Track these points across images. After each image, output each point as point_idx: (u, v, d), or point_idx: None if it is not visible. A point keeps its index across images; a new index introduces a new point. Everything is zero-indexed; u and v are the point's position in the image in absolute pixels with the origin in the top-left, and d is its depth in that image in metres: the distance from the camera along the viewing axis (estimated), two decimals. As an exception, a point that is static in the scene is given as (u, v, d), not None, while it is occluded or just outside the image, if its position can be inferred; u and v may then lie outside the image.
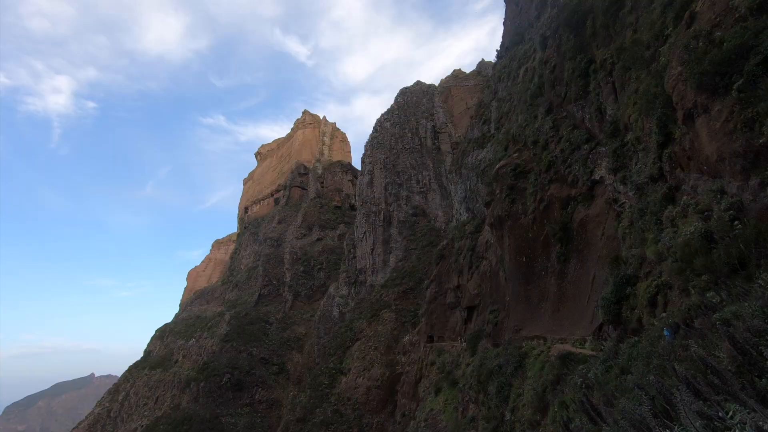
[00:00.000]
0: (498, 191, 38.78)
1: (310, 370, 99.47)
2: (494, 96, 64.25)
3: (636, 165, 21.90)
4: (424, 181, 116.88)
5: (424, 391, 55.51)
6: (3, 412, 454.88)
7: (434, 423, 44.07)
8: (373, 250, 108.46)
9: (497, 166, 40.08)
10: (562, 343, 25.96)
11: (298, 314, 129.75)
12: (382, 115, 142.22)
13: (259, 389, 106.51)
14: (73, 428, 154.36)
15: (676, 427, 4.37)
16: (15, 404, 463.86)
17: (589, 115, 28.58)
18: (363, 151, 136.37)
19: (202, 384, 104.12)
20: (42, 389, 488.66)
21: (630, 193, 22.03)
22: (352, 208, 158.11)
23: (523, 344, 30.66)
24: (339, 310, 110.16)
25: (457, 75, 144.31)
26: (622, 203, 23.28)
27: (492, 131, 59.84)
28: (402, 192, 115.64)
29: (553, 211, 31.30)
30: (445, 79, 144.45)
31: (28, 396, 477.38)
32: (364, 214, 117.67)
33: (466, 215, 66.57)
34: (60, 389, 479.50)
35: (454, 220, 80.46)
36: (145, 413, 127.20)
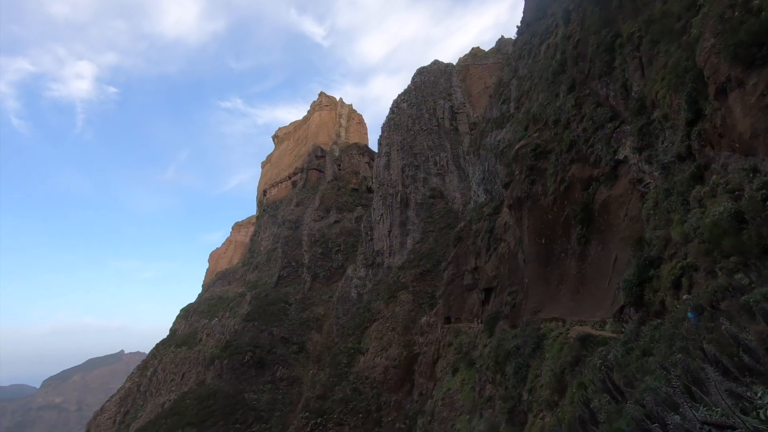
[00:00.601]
0: (517, 172, 38.14)
1: (329, 349, 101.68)
2: (514, 74, 62.55)
3: (662, 144, 21.15)
4: (442, 163, 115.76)
5: (441, 371, 56.21)
6: (41, 385, 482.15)
7: (451, 402, 44.72)
8: (390, 232, 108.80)
9: (517, 147, 39.32)
10: (581, 325, 25.77)
11: (316, 295, 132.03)
12: (399, 95, 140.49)
13: (280, 367, 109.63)
14: (106, 401, 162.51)
15: (701, 407, 4.32)
16: (52, 378, 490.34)
17: (614, 92, 27.58)
18: (380, 133, 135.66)
19: (225, 361, 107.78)
20: (76, 364, 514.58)
21: (656, 173, 21.36)
22: (369, 190, 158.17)
23: (542, 326, 30.55)
24: (357, 292, 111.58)
25: (475, 53, 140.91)
26: (647, 183, 22.61)
27: (511, 111, 58.51)
28: (419, 174, 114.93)
29: (574, 192, 30.66)
30: (464, 58, 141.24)
31: (63, 370, 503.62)
32: (381, 196, 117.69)
33: (484, 197, 65.87)
34: (93, 364, 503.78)
35: (472, 202, 79.75)
36: (173, 388, 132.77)
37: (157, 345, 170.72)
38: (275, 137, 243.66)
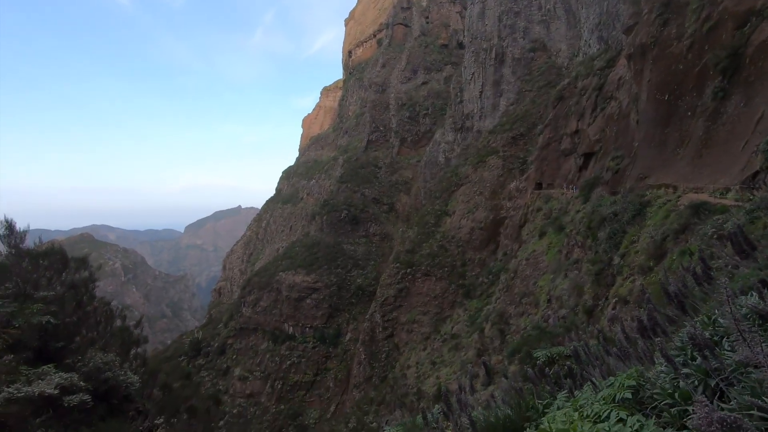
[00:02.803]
0: (646, 10, 31.22)
1: (417, 210, 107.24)
2: None
3: None
4: (548, 6, 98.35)
5: (527, 234, 56.90)
6: (184, 230, 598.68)
7: (536, 262, 46.10)
8: (482, 93, 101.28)
9: (651, -24, 31.40)
10: (696, 193, 23.25)
11: (404, 159, 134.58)
12: None
13: (372, 224, 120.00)
14: (234, 245, 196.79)
15: None
16: (191, 225, 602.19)
17: None
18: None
19: (324, 217, 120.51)
20: (207, 215, 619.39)
21: None
22: (460, 45, 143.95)
23: (647, 192, 28.17)
24: (444, 156, 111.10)
25: None
26: (837, 13, 17.10)
27: (651, -75, 45.25)
28: (519, 23, 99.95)
29: (720, 32, 24.64)
30: None
31: (198, 219, 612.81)
32: (473, 51, 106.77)
33: (598, 47, 56.49)
34: (219, 216, 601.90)
35: (581, 54, 69.25)
36: (284, 237, 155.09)
37: (267, 202, 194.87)
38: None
